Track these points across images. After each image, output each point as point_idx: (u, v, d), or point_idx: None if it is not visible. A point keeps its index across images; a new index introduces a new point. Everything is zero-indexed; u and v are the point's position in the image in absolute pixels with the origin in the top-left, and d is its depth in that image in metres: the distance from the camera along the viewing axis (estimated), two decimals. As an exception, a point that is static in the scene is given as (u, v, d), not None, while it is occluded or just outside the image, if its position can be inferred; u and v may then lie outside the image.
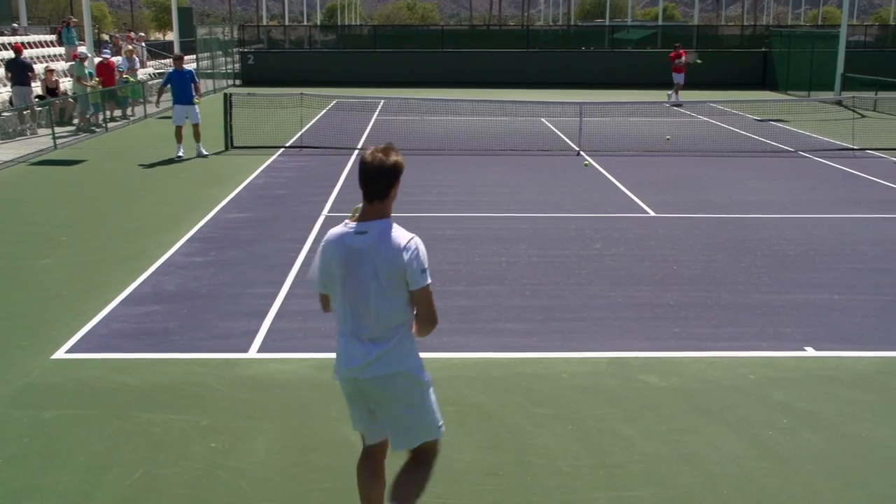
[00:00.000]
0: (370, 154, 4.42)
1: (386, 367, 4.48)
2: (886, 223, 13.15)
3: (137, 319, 8.74)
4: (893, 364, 7.74)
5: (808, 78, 35.65)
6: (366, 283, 4.41)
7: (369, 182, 4.39)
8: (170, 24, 51.62)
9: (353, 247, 4.41)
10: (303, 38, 51.27)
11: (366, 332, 4.48)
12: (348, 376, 4.56)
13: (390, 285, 4.39)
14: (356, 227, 4.43)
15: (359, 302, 4.45)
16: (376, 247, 4.38)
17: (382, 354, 4.47)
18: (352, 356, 4.52)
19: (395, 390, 4.52)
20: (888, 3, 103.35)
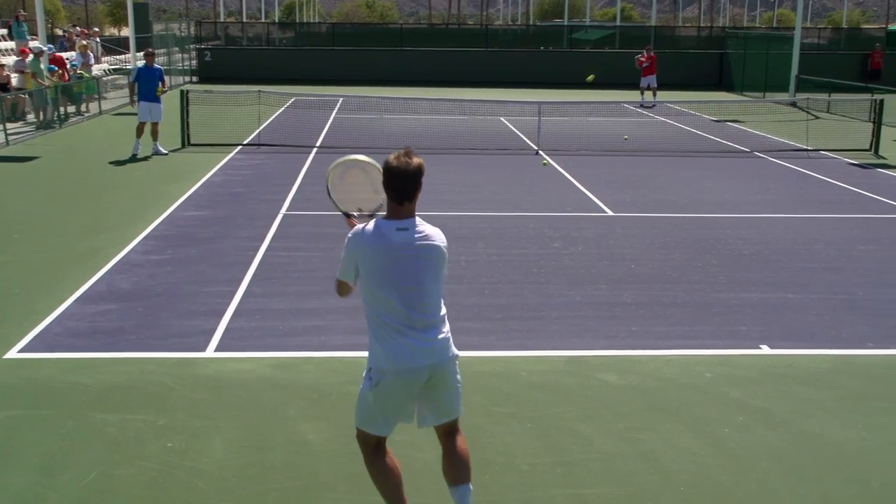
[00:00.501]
0: (395, 159, 4.66)
1: (446, 352, 4.78)
2: (839, 223, 13.34)
3: (92, 318, 8.64)
4: (845, 362, 7.85)
5: (763, 79, 36.04)
6: (418, 270, 4.66)
7: (398, 186, 4.66)
8: (125, 20, 51.09)
9: (397, 241, 4.66)
10: (261, 35, 50.92)
11: (420, 320, 4.68)
12: (413, 367, 4.69)
13: (437, 273, 4.74)
14: (396, 224, 4.68)
15: (411, 291, 4.65)
16: (419, 239, 4.68)
17: (443, 340, 4.75)
18: (416, 349, 4.67)
19: (450, 370, 4.83)
20: (841, 6, 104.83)
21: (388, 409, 4.81)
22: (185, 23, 45.52)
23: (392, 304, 4.65)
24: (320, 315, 8.81)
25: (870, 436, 6.41)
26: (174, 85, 33.00)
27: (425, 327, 4.69)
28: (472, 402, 6.87)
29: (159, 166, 17.66)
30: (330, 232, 12.12)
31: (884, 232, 12.74)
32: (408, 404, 4.86)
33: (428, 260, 4.69)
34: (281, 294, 9.45)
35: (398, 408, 4.83)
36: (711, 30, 57.23)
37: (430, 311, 4.71)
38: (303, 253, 11.06)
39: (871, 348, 8.19)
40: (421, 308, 4.68)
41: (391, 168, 4.65)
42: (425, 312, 4.69)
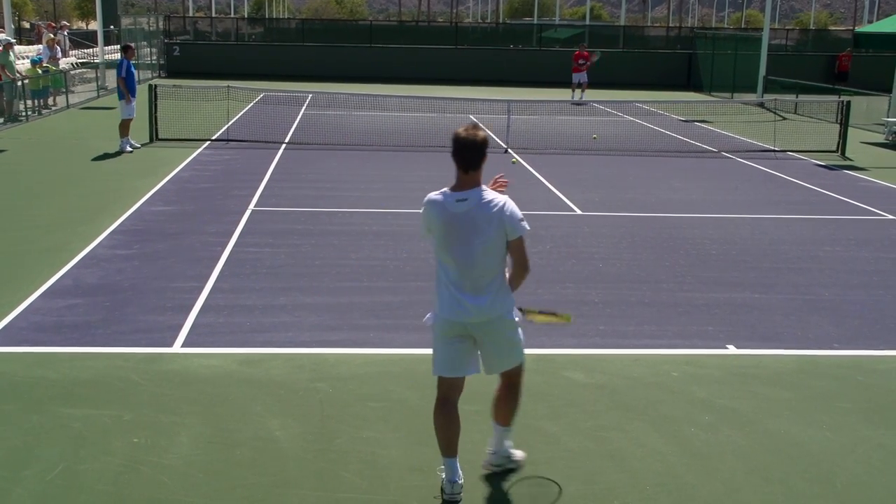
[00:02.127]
0: (464, 131, 5.20)
1: (489, 313, 5.24)
2: (805, 224, 13.46)
3: (58, 313, 8.55)
4: (810, 363, 7.92)
5: (731, 80, 36.31)
6: (469, 242, 5.14)
7: (466, 155, 5.18)
8: (93, 13, 50.58)
9: (455, 213, 5.17)
10: (230, 31, 50.65)
11: (469, 284, 5.20)
12: (458, 321, 5.25)
13: (491, 242, 5.15)
14: (457, 196, 5.20)
15: (464, 259, 5.18)
16: (477, 210, 5.15)
17: (489, 302, 5.22)
18: (461, 306, 5.23)
19: (497, 329, 5.31)
20: (809, 8, 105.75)
21: (441, 350, 5.38)
22: (153, 17, 45.13)
23: (450, 265, 5.24)
24: (288, 311, 8.77)
25: (834, 436, 6.47)
26: (143, 80, 32.70)
27: (473, 290, 5.21)
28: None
29: (127, 161, 17.52)
30: (298, 228, 12.09)
31: (850, 233, 12.86)
32: (457, 352, 5.35)
33: (481, 230, 5.14)
34: (249, 290, 9.41)
35: (449, 352, 5.35)
36: (680, 30, 57.57)
37: (480, 277, 5.19)
38: (271, 249, 11.01)
39: (837, 349, 8.27)
40: (471, 274, 5.19)
41: (460, 139, 5.18)
42: (474, 278, 5.19)
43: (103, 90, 29.53)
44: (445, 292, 5.29)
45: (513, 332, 5.41)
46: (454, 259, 5.20)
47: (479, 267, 5.18)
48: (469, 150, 5.17)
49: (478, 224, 5.14)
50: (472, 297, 5.22)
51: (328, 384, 7.08)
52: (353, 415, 6.56)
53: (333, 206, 13.62)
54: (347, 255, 10.83)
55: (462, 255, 5.17)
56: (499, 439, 5.70)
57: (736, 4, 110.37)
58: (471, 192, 5.20)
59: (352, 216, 12.92)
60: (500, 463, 5.72)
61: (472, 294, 5.21)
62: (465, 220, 5.16)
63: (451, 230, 5.18)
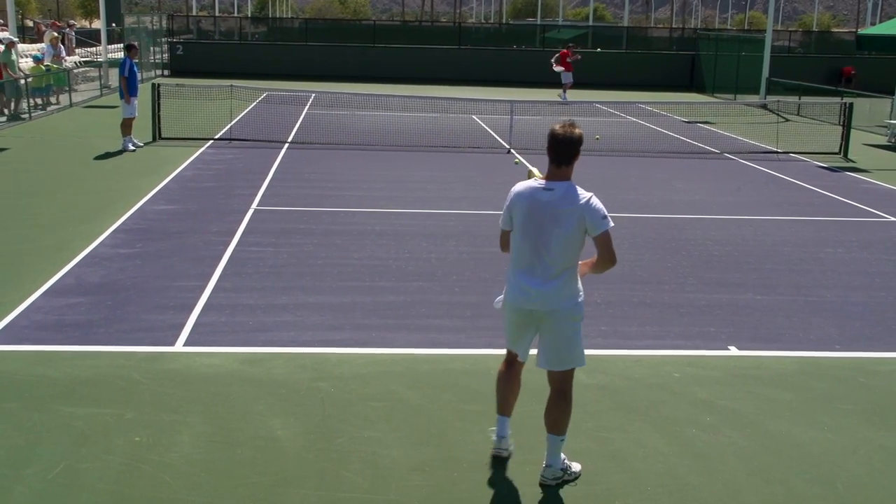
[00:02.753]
0: (561, 127, 5.41)
1: (554, 303, 5.43)
2: (808, 225, 13.46)
3: (60, 311, 8.56)
4: (812, 364, 7.92)
5: (734, 81, 36.30)
6: (549, 230, 5.36)
7: (560, 150, 5.40)
8: (96, 12, 50.62)
9: (541, 200, 5.40)
10: (233, 30, 50.70)
11: (540, 271, 5.42)
12: (522, 307, 5.52)
13: (569, 235, 5.34)
14: (545, 185, 5.42)
15: (541, 246, 5.40)
16: (560, 201, 5.35)
17: (554, 291, 5.41)
18: (527, 293, 5.46)
19: (558, 319, 5.47)
20: (811, 9, 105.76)
21: (510, 328, 5.71)
22: (157, 16, 45.17)
23: (524, 251, 5.47)
24: (290, 311, 8.78)
25: (835, 437, 6.47)
26: (146, 78, 32.75)
27: (542, 278, 5.41)
28: (442, 399, 6.88)
29: (129, 160, 17.54)
30: (300, 228, 12.09)
31: (852, 235, 12.86)
32: (521, 334, 5.68)
33: (561, 221, 5.33)
34: (251, 289, 9.41)
35: (514, 332, 5.70)
36: (683, 31, 57.58)
37: (551, 265, 5.39)
38: (273, 248, 11.02)
39: (838, 350, 8.27)
40: (543, 261, 5.40)
41: (556, 134, 5.40)
42: (546, 265, 5.40)
43: (106, 89, 29.56)
44: (514, 279, 5.54)
45: (573, 329, 5.54)
46: (530, 244, 5.43)
47: (553, 256, 5.38)
48: (563, 145, 5.41)
49: (558, 215, 5.35)
50: (540, 284, 5.42)
51: (330, 384, 7.09)
52: (355, 414, 6.56)
53: (336, 205, 13.63)
54: (350, 255, 10.84)
55: (539, 242, 5.40)
56: (552, 450, 5.67)
57: (739, 6, 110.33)
58: (559, 183, 5.42)
59: (354, 216, 12.92)
60: (555, 476, 5.65)
61: (541, 281, 5.42)
62: (547, 208, 5.37)
63: (531, 216, 5.41)
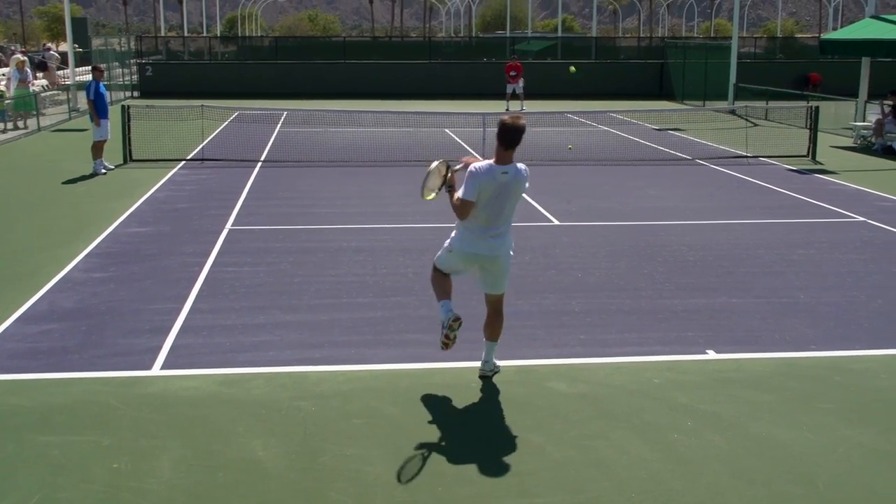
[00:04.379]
0: (510, 118, 6.92)
1: (503, 250, 7.18)
2: (779, 228, 13.56)
3: (33, 338, 8.47)
4: (789, 365, 7.96)
5: (702, 88, 36.57)
6: (504, 202, 7.01)
7: (510, 136, 6.88)
8: (63, 35, 50.34)
9: (501, 182, 6.92)
10: (202, 50, 50.54)
11: (494, 231, 7.07)
12: (476, 253, 7.15)
13: (516, 200, 7.10)
14: (501, 169, 6.92)
15: (496, 213, 7.02)
16: (513, 180, 6.96)
17: (502, 242, 7.16)
18: (482, 244, 7.10)
19: (503, 262, 7.22)
20: (775, 16, 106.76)
21: (454, 266, 7.38)
22: (125, 37, 44.99)
23: (481, 217, 7.02)
24: (268, 330, 8.74)
25: (815, 437, 6.50)
26: (115, 100, 32.58)
27: (495, 235, 7.08)
28: (423, 413, 6.86)
29: (101, 183, 17.42)
30: (276, 246, 12.05)
31: (823, 236, 12.96)
32: (461, 269, 7.39)
33: (514, 193, 7.02)
34: (228, 310, 9.36)
35: (456, 267, 7.38)
36: (651, 40, 58.00)
37: (502, 224, 7.10)
38: (249, 268, 10.97)
39: (814, 350, 8.31)
40: (496, 224, 7.06)
41: (506, 123, 6.86)
42: (499, 225, 7.08)
43: (75, 112, 29.39)
44: (470, 235, 7.10)
45: (509, 265, 7.28)
46: (488, 213, 6.97)
47: (504, 218, 7.08)
48: (512, 132, 6.85)
49: (512, 190, 6.97)
50: (494, 238, 7.07)
51: (311, 402, 7.05)
52: (337, 432, 6.53)
53: (311, 223, 13.59)
54: (326, 272, 10.81)
55: (495, 210, 6.98)
56: (490, 352, 7.54)
57: (705, 14, 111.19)
58: (509, 166, 6.94)
59: (330, 233, 12.89)
60: (493, 369, 7.56)
61: (493, 236, 7.06)
62: (506, 187, 6.93)
63: (495, 195, 6.92)
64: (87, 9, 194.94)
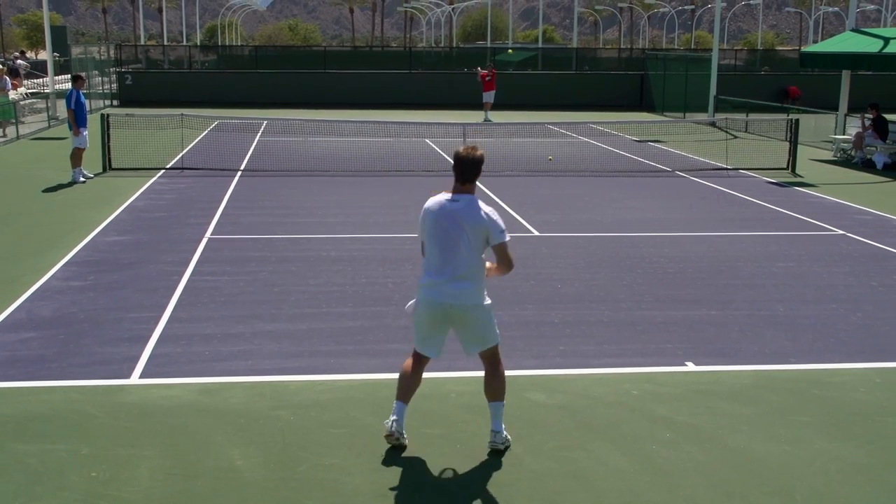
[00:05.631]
0: (464, 150, 6.22)
1: (465, 300, 6.14)
2: (759, 240, 13.63)
3: (11, 347, 8.42)
4: (768, 377, 8.00)
5: (683, 100, 36.76)
6: (456, 237, 6.08)
7: (464, 169, 6.18)
8: (42, 43, 50.12)
9: (446, 208, 6.12)
10: (182, 59, 50.42)
11: (452, 274, 6.10)
12: (436, 301, 6.14)
13: (472, 242, 6.10)
14: (452, 197, 6.15)
15: (449, 251, 6.10)
16: (465, 211, 6.10)
17: (464, 290, 6.12)
18: (441, 291, 6.12)
19: (472, 314, 6.20)
20: (756, 28, 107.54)
21: (422, 328, 6.30)
22: (104, 46, 44.83)
23: (434, 254, 6.16)
24: (247, 339, 8.71)
25: (793, 449, 6.53)
26: (94, 109, 32.46)
27: (455, 279, 6.09)
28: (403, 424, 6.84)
29: (79, 191, 17.34)
30: (255, 255, 12.02)
31: (802, 248, 13.05)
32: (435, 331, 6.29)
33: (468, 229, 6.07)
34: (207, 319, 9.33)
35: (428, 330, 6.28)
36: (632, 51, 58.28)
37: (459, 267, 6.09)
38: (228, 277, 10.94)
39: (793, 363, 8.36)
40: (452, 262, 6.10)
41: (459, 155, 6.19)
42: (455, 266, 6.10)
43: (54, 120, 29.23)
44: (426, 280, 6.18)
45: (486, 317, 6.24)
46: (440, 249, 6.11)
47: (460, 258, 6.08)
48: (467, 165, 6.17)
49: (462, 223, 6.06)
50: (454, 283, 6.09)
51: (289, 412, 7.03)
52: (316, 442, 6.52)
53: (291, 232, 13.57)
54: (306, 282, 10.79)
55: (449, 247, 6.09)
56: (497, 417, 6.36)
57: (685, 26, 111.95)
58: (463, 196, 6.16)
59: (309, 242, 12.87)
60: (504, 441, 6.36)
61: (450, 279, 6.08)
62: (453, 216, 6.08)
63: (438, 222, 6.10)
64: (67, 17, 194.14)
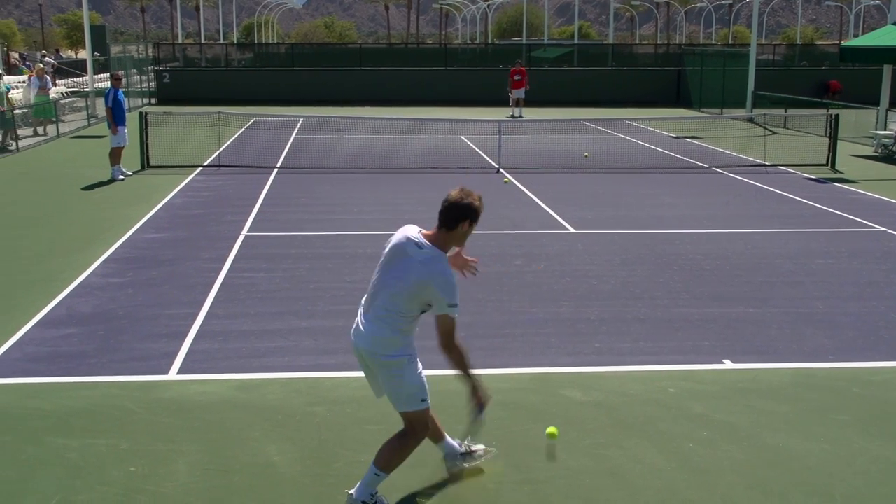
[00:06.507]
0: (455, 191, 5.35)
1: (369, 345, 5.31)
2: (798, 237, 13.50)
3: (52, 342, 8.53)
4: (807, 375, 7.92)
5: (720, 95, 36.45)
6: (389, 278, 5.27)
7: (444, 211, 5.31)
8: (82, 42, 50.67)
9: (405, 250, 5.27)
10: (219, 57, 50.76)
11: (370, 309, 5.35)
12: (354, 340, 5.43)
13: (403, 294, 5.20)
14: (419, 242, 5.27)
15: (379, 287, 5.32)
16: (414, 261, 5.20)
17: (368, 333, 5.31)
18: (357, 329, 5.40)
19: (377, 364, 5.34)
20: (794, 23, 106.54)
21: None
22: (142, 45, 45.24)
23: (369, 287, 5.43)
24: (283, 336, 8.76)
25: (832, 448, 6.47)
26: (133, 107, 32.78)
27: (367, 315, 5.36)
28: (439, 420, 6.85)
29: (118, 189, 17.52)
30: (292, 252, 12.08)
31: (842, 245, 12.90)
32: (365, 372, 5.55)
33: (404, 277, 5.20)
34: (244, 315, 9.39)
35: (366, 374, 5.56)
36: (668, 47, 57.87)
37: (378, 307, 5.28)
38: (265, 274, 11.00)
39: (832, 361, 8.28)
40: (373, 302, 5.33)
41: (447, 198, 5.36)
42: (375, 307, 5.31)
43: (93, 119, 29.55)
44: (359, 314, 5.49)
45: (390, 377, 5.34)
46: (373, 284, 5.41)
47: (380, 299, 5.30)
48: (448, 207, 5.33)
49: (406, 270, 5.22)
50: (364, 323, 5.37)
51: (325, 408, 7.06)
52: (351, 438, 6.54)
53: (327, 229, 13.63)
54: (342, 278, 10.83)
55: (379, 283, 5.35)
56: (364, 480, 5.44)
57: (723, 21, 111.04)
58: (432, 248, 5.26)
59: (345, 239, 12.92)
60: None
61: (366, 320, 5.37)
62: (403, 258, 5.27)
63: (388, 257, 5.39)
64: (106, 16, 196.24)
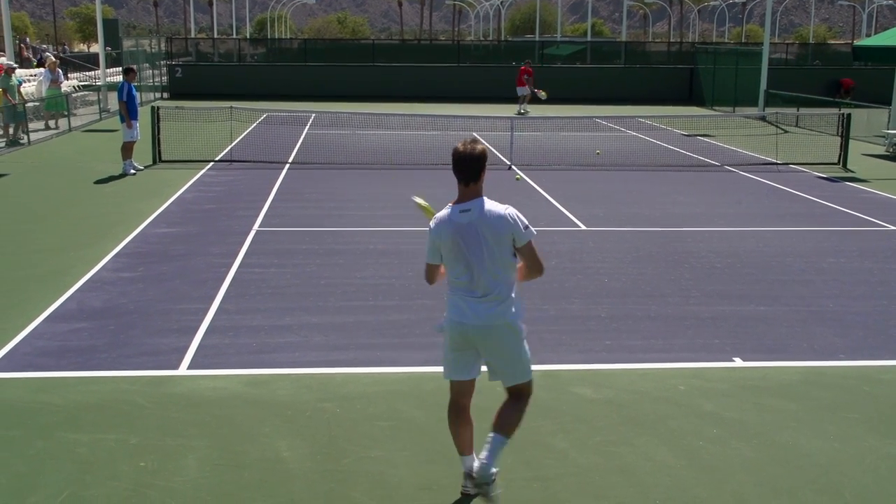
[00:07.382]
0: (462, 146, 5.38)
1: (495, 319, 5.30)
2: (809, 236, 13.45)
3: (63, 337, 8.55)
4: (817, 374, 7.90)
5: (732, 94, 36.34)
6: (479, 251, 5.27)
7: (465, 168, 5.35)
8: (94, 36, 50.82)
9: (460, 223, 5.30)
10: (232, 52, 50.82)
11: (481, 293, 5.30)
12: (462, 322, 5.34)
13: (497, 250, 5.27)
14: (461, 207, 5.34)
15: (477, 267, 5.29)
16: (479, 221, 5.28)
17: (498, 312, 5.29)
18: (464, 311, 5.33)
19: (500, 336, 5.34)
20: (807, 22, 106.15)
21: (449, 354, 5.48)
22: (155, 39, 45.32)
23: (461, 274, 5.34)
24: (294, 331, 8.77)
25: (842, 446, 6.45)
26: (145, 101, 32.82)
27: (484, 299, 5.30)
28: (447, 417, 6.85)
29: (129, 183, 17.56)
30: (303, 248, 12.09)
31: (853, 244, 12.85)
32: (463, 356, 5.44)
33: (490, 238, 5.26)
34: (254, 310, 9.41)
35: (455, 357, 5.46)
36: (681, 45, 57.65)
37: (489, 283, 5.29)
38: (276, 269, 11.02)
39: (843, 360, 8.25)
40: (481, 280, 5.29)
41: (457, 153, 5.37)
42: (484, 284, 5.29)
43: (105, 112, 29.61)
44: (455, 296, 5.41)
45: (516, 342, 5.42)
46: (466, 267, 5.31)
47: (488, 273, 5.28)
48: (465, 163, 5.34)
49: (482, 234, 5.27)
50: (482, 302, 5.31)
51: (335, 404, 7.07)
52: (362, 434, 6.55)
53: (338, 225, 13.63)
54: (353, 275, 10.84)
55: (475, 263, 5.29)
56: (492, 449, 5.35)
57: (736, 19, 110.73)
58: (473, 202, 5.34)
59: (357, 235, 12.93)
60: (486, 478, 5.28)
61: (483, 300, 5.31)
62: (470, 230, 5.28)
63: (458, 240, 5.30)
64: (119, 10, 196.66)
